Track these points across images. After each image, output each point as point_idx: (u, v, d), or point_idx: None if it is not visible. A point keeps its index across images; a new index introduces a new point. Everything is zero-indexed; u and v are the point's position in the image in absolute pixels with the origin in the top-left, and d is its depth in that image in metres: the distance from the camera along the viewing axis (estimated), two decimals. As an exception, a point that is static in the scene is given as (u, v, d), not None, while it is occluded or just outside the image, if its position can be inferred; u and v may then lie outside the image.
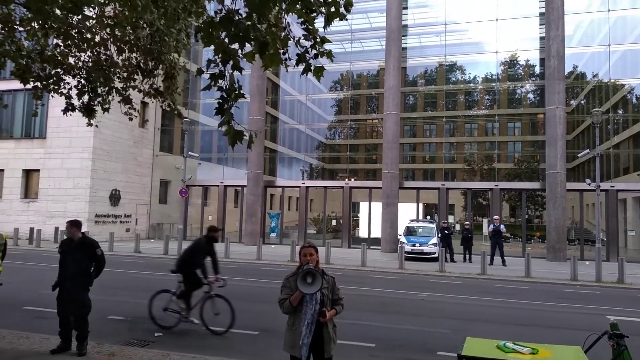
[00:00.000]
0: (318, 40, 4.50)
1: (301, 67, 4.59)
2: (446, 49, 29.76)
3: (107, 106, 7.92)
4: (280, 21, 4.53)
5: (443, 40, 30.00)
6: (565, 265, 18.99)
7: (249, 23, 4.12)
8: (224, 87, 4.50)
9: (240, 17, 4.14)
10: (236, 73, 4.65)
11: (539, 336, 7.98)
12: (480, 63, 30.57)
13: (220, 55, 4.37)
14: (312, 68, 4.52)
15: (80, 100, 7.80)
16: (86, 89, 7.70)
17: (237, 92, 4.52)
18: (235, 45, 4.27)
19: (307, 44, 4.52)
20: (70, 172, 25.49)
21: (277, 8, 4.29)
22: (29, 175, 26.95)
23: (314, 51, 4.54)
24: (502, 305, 11.57)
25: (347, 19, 4.63)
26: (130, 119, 7.99)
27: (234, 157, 33.81)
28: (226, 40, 4.25)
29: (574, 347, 4.18)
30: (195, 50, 32.57)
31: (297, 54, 4.51)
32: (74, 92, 7.80)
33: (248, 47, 4.25)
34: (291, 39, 4.53)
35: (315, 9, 4.20)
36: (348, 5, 4.41)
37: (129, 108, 7.92)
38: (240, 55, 4.33)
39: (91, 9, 6.59)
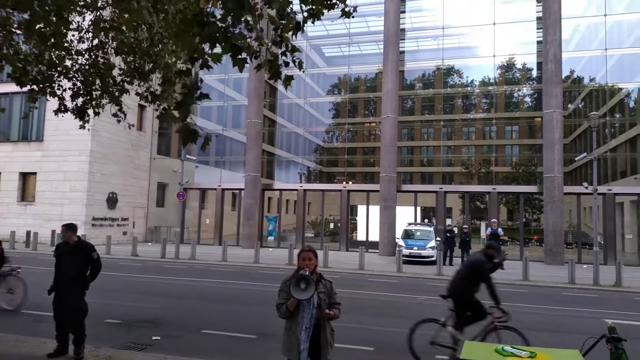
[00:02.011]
0: (289, 47, 4.54)
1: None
2: (444, 53, 29.85)
3: (98, 110, 7.90)
4: (255, 26, 4.55)
5: (440, 44, 30.09)
6: (562, 268, 19.01)
7: (222, 25, 4.14)
8: (187, 84, 4.54)
9: (214, 18, 4.16)
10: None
11: (537, 340, 7.96)
12: (477, 67, 30.68)
13: (187, 53, 4.43)
14: (282, 76, 4.58)
15: (74, 103, 7.78)
16: (81, 92, 7.69)
17: (199, 91, 4.55)
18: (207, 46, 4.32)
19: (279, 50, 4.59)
20: (67, 175, 25.43)
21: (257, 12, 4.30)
22: (25, 178, 26.87)
23: (284, 58, 4.60)
24: (500, 309, 11.55)
25: (352, 16, 4.67)
26: (118, 121, 7.94)
27: (231, 160, 33.82)
28: (197, 39, 4.29)
29: (572, 351, 4.18)
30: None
31: (269, 60, 4.55)
32: (67, 94, 7.78)
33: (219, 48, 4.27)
34: (264, 45, 4.59)
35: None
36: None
37: (118, 110, 7.89)
38: (207, 56, 4.35)
39: (73, 16, 6.56)
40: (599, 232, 20.57)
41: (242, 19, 4.26)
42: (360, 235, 27.68)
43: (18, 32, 7.09)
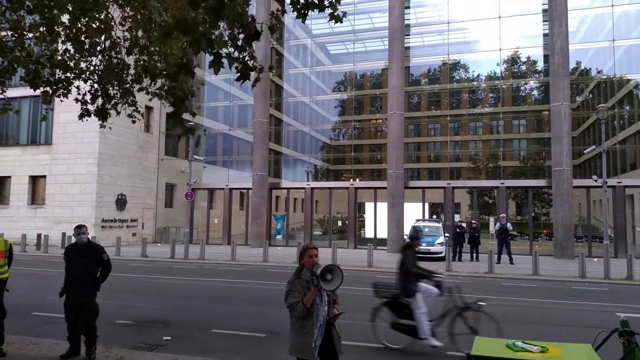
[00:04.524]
0: (250, 54, 4.81)
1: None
2: (449, 48, 29.71)
3: (120, 109, 7.96)
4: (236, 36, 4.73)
5: (446, 39, 29.95)
6: (573, 262, 18.88)
7: (202, 29, 4.24)
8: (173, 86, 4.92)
9: (197, 23, 4.24)
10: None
11: (548, 334, 7.93)
12: (483, 61, 30.49)
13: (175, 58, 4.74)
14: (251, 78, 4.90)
15: (95, 105, 7.85)
16: (99, 93, 7.74)
17: (189, 92, 4.88)
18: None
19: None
20: (76, 177, 25.61)
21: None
22: (35, 181, 27.10)
23: (254, 62, 4.90)
24: (510, 304, 11.51)
25: (343, 20, 4.83)
26: (134, 122, 8.00)
27: (238, 160, 33.91)
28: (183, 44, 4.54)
29: (584, 345, 4.15)
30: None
31: (236, 67, 4.84)
32: (87, 97, 7.84)
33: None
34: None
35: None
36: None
37: (134, 110, 7.95)
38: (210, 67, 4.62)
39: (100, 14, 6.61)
40: (609, 225, 20.41)
41: (222, 26, 4.43)
42: (369, 233, 27.64)
43: (29, 34, 7.15)
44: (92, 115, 7.89)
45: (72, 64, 7.37)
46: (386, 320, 7.30)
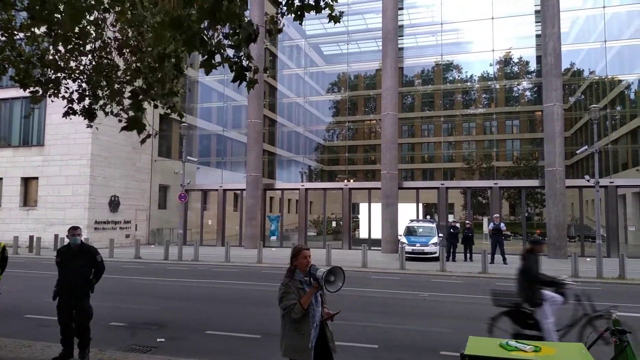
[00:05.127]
0: (246, 54, 4.86)
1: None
2: (442, 49, 29.82)
3: (108, 110, 7.91)
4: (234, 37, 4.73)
5: (439, 39, 30.07)
6: (566, 262, 18.98)
7: (196, 28, 4.24)
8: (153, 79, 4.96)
9: (191, 22, 4.24)
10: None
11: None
12: (476, 62, 30.63)
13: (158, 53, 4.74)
14: (247, 79, 4.89)
15: (81, 104, 7.79)
16: (87, 93, 7.69)
17: (166, 88, 5.01)
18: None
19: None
20: (68, 179, 25.45)
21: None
22: (27, 183, 26.90)
23: (248, 63, 4.94)
24: (504, 304, 11.53)
25: (340, 21, 4.86)
26: (120, 121, 7.95)
27: (232, 161, 33.84)
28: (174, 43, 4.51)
29: (577, 344, 4.17)
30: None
31: (231, 68, 4.84)
32: (74, 96, 7.79)
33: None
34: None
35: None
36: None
37: (120, 109, 7.89)
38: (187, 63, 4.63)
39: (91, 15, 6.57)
40: (602, 224, 20.55)
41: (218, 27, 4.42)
42: (363, 233, 27.65)
43: (20, 34, 7.10)
44: (77, 114, 7.83)
45: (62, 64, 7.33)
46: (507, 331, 6.62)
